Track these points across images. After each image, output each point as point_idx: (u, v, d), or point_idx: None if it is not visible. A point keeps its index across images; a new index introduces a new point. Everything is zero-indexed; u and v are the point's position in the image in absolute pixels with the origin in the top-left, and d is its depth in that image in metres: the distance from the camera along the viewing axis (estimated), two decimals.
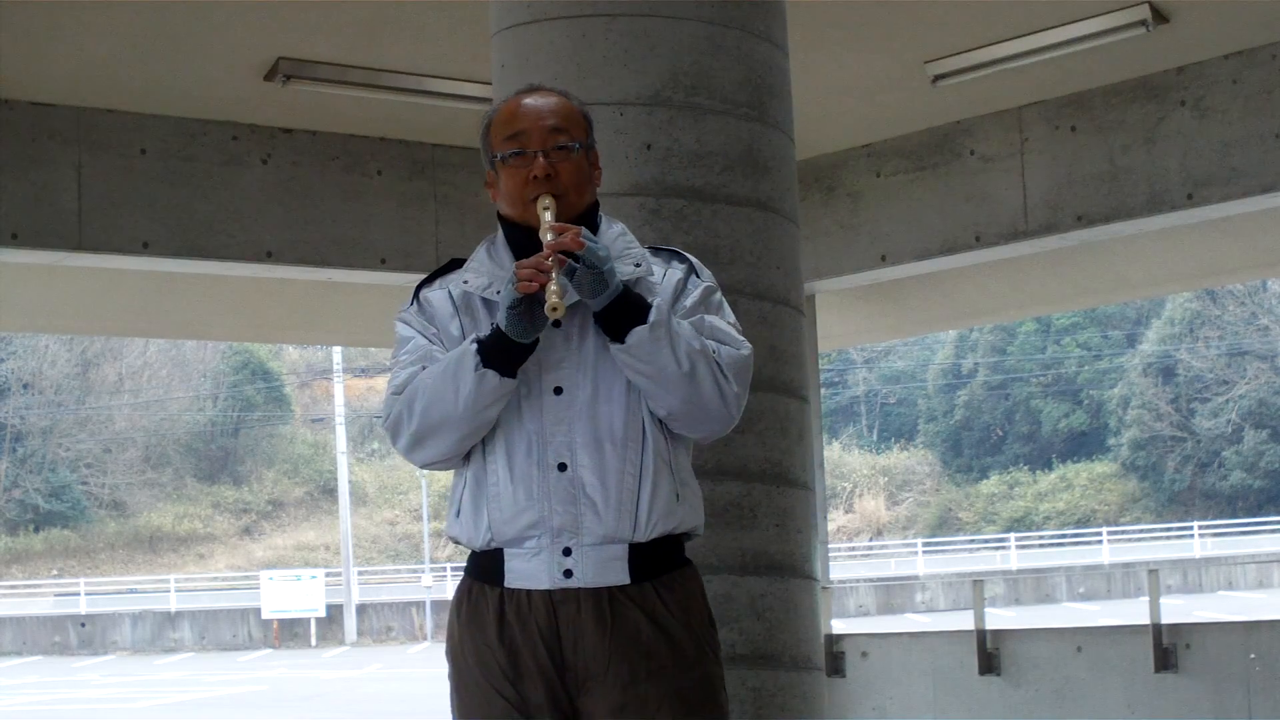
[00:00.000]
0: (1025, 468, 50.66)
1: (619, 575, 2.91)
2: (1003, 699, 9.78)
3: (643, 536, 2.91)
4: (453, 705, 3.04)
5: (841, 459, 51.25)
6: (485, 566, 2.97)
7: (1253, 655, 9.00)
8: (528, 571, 2.92)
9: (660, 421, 2.94)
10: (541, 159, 2.97)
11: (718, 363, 2.91)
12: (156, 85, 7.89)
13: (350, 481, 41.42)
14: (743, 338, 2.99)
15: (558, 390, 2.93)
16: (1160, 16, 7.42)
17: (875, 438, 56.27)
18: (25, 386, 50.84)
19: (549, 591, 2.90)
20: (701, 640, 2.96)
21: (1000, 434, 52.60)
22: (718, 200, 4.50)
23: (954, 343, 53.02)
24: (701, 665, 2.95)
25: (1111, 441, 50.00)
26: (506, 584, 2.93)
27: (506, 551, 2.93)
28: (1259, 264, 11.69)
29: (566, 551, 2.90)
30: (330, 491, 48.16)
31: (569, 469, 2.90)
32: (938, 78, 8.13)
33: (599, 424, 2.91)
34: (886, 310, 11.67)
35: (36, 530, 49.04)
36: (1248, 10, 7.52)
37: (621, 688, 2.89)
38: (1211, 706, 9.06)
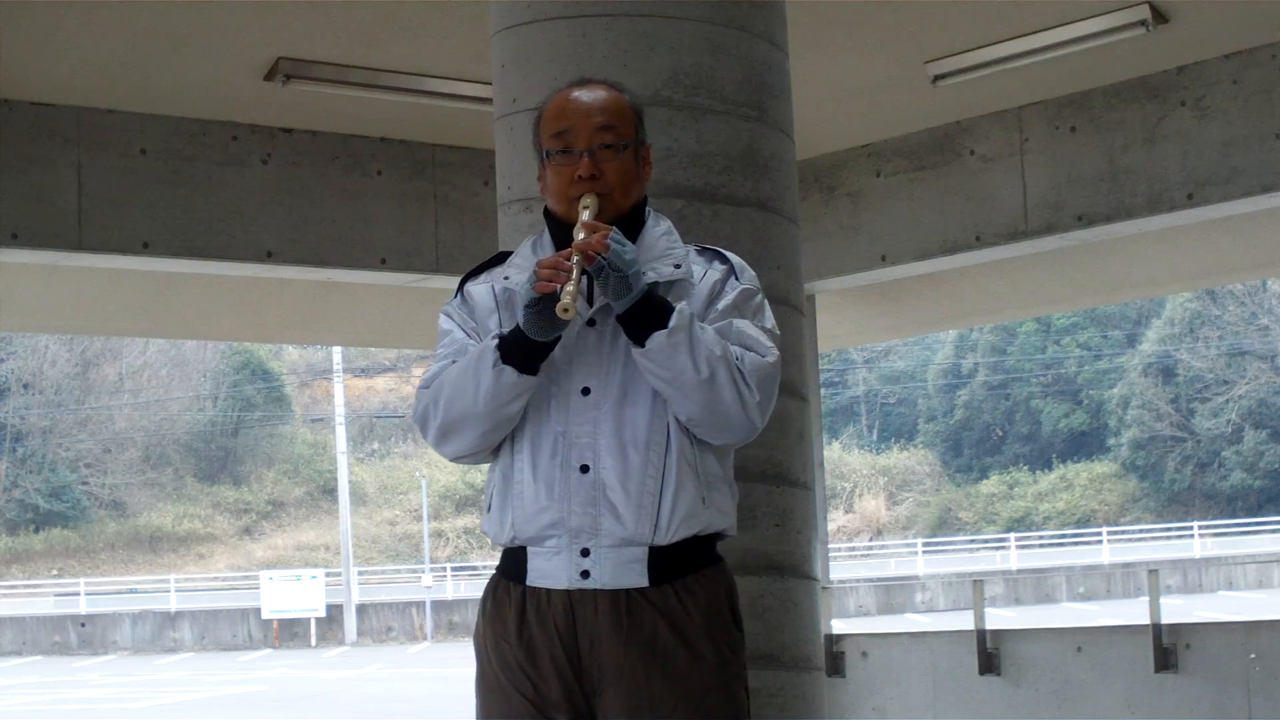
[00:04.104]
0: (1025, 468, 50.69)
1: (637, 578, 2.90)
2: (1003, 699, 9.78)
3: (663, 540, 2.90)
4: (476, 701, 3.05)
5: (841, 459, 51.26)
6: (510, 564, 2.99)
7: (1253, 655, 9.00)
8: (547, 570, 2.92)
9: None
10: (586, 158, 2.95)
11: (740, 370, 2.88)
12: (156, 85, 7.88)
13: (350, 481, 41.42)
14: (771, 344, 2.95)
15: (585, 391, 2.92)
16: (1160, 16, 7.42)
17: (875, 438, 56.29)
18: (25, 386, 50.86)
19: (567, 591, 2.91)
20: (720, 643, 2.94)
21: (1000, 434, 52.62)
22: (718, 200, 4.50)
23: (954, 343, 53.03)
24: (720, 668, 2.93)
25: (1111, 441, 50.02)
26: (528, 582, 2.94)
27: (529, 550, 2.94)
28: (1259, 264, 11.69)
29: (585, 552, 2.90)
30: (330, 491, 48.16)
31: (591, 471, 2.89)
32: (938, 78, 8.13)
33: (623, 426, 2.90)
34: (886, 310, 11.66)
35: (36, 530, 49.06)
36: (1248, 10, 7.52)
37: (636, 690, 2.88)
38: (1211, 706, 9.05)
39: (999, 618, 21.65)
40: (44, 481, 49.85)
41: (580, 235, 2.86)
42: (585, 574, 2.90)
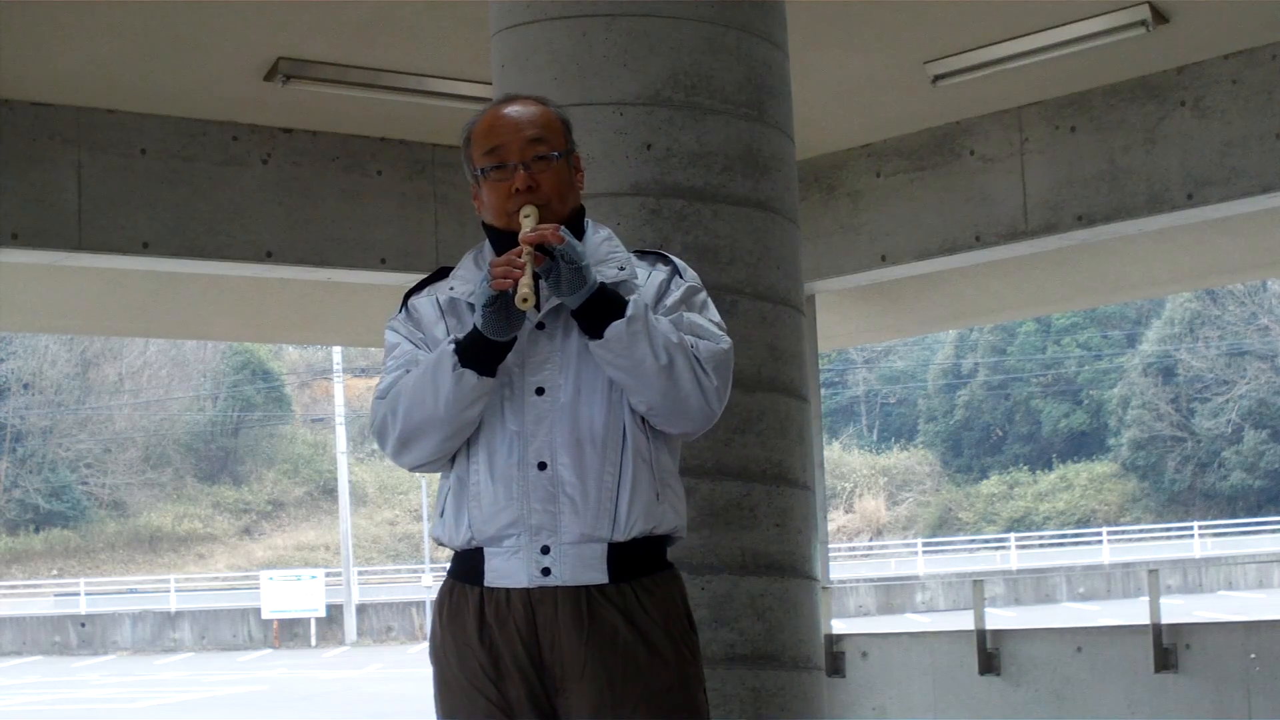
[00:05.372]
0: (1025, 468, 50.67)
1: (597, 574, 2.92)
2: (1003, 699, 9.78)
3: (622, 536, 2.92)
4: (436, 706, 3.05)
5: (841, 459, 51.24)
6: (466, 566, 2.99)
7: (1253, 655, 9.00)
8: (507, 570, 2.93)
9: (643, 421, 2.96)
10: (522, 171, 2.99)
11: (696, 357, 2.92)
12: (156, 85, 7.89)
13: (350, 481, 41.42)
14: (722, 333, 3.00)
15: (539, 391, 2.95)
16: (1160, 16, 7.42)
17: (875, 438, 56.27)
18: (25, 386, 50.84)
19: (527, 590, 2.92)
20: (679, 642, 2.97)
21: (1000, 434, 52.62)
22: (718, 200, 4.50)
23: (954, 343, 53.02)
24: (679, 667, 2.96)
25: (1111, 441, 50.00)
26: (486, 583, 2.95)
27: (486, 550, 2.95)
28: (1259, 264, 11.70)
29: (545, 550, 2.91)
30: (330, 491, 48.16)
31: (549, 468, 2.92)
32: (938, 78, 8.14)
33: (579, 424, 2.93)
34: (886, 310, 11.67)
35: (36, 530, 49.05)
36: (1248, 10, 7.52)
37: (598, 689, 2.90)
38: (1211, 706, 9.06)
39: (999, 618, 21.66)
40: (44, 481, 49.84)
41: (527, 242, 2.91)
42: (546, 571, 2.91)
